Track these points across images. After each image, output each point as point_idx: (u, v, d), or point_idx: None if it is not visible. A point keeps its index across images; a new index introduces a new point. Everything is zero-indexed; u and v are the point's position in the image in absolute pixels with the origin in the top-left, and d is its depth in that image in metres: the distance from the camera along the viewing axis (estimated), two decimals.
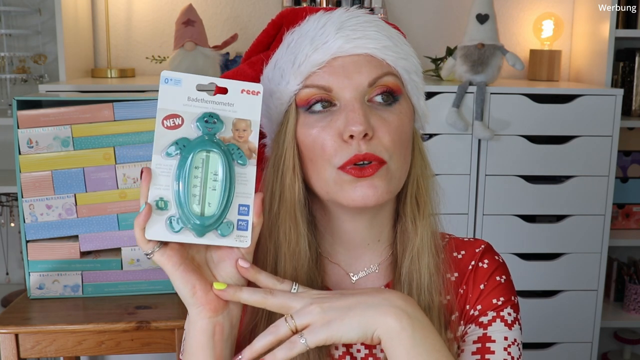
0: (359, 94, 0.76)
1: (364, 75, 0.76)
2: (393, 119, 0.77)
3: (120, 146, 1.47)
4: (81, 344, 1.41)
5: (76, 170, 1.47)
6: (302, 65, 0.77)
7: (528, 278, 2.11)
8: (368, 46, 0.77)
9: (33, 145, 1.45)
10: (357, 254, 0.85)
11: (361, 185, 0.75)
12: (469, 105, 2.01)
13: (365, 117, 0.74)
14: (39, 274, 1.48)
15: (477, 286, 0.85)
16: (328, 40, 0.77)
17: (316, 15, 0.81)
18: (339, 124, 0.75)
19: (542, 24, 2.39)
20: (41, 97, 1.55)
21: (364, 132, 0.74)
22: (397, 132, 0.77)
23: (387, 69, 0.78)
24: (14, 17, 2.27)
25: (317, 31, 0.78)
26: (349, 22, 0.78)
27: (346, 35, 0.77)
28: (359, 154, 0.74)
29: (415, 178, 0.84)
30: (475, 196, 2.07)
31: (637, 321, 2.36)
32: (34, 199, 1.46)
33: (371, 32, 0.78)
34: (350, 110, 0.75)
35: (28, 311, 1.44)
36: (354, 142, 0.74)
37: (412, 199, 0.83)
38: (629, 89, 2.37)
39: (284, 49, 0.81)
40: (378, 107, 0.77)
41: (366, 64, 0.77)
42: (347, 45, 0.77)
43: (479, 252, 0.88)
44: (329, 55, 0.77)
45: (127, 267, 1.49)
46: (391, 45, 0.79)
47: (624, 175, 2.48)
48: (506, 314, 0.84)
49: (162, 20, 2.36)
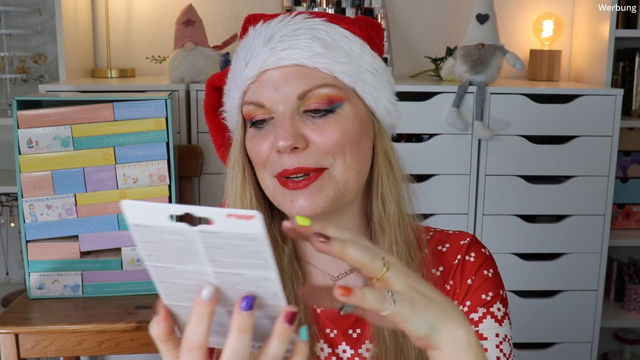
0: (289, 107, 0.75)
1: (291, 88, 0.75)
2: (331, 123, 0.76)
3: (120, 146, 1.47)
4: (81, 344, 1.41)
5: (76, 170, 1.47)
6: (239, 81, 0.78)
7: (528, 278, 2.10)
8: (295, 56, 0.75)
9: (33, 145, 1.45)
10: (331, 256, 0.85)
11: (297, 198, 0.76)
12: (469, 105, 2.01)
13: (294, 131, 0.74)
14: (39, 274, 1.48)
15: (465, 281, 0.85)
16: (257, 54, 0.76)
17: (256, 26, 0.80)
18: (272, 136, 0.76)
19: (542, 24, 2.38)
20: (41, 97, 1.55)
21: (291, 146, 0.74)
22: (337, 139, 0.76)
23: (320, 78, 0.76)
24: (14, 17, 2.26)
25: (250, 44, 0.78)
26: (280, 32, 0.76)
27: (272, 47, 0.75)
28: (288, 168, 0.76)
29: (380, 179, 0.82)
30: (475, 196, 2.07)
31: (637, 321, 2.36)
32: (34, 199, 1.46)
33: (301, 40, 0.76)
34: (279, 124, 0.75)
35: (28, 311, 1.44)
36: (284, 156, 0.75)
37: (377, 200, 0.82)
38: (629, 89, 2.37)
39: (233, 61, 0.81)
40: (315, 115, 0.76)
41: (295, 76, 0.75)
42: (272, 58, 0.75)
43: (464, 245, 0.87)
44: (257, 70, 0.76)
45: (127, 267, 1.49)
46: (323, 52, 0.76)
47: (624, 175, 2.47)
48: (496, 310, 0.84)
49: (162, 20, 2.36)
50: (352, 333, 0.84)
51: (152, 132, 1.46)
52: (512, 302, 0.90)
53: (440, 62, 2.29)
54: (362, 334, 0.84)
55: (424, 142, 2.04)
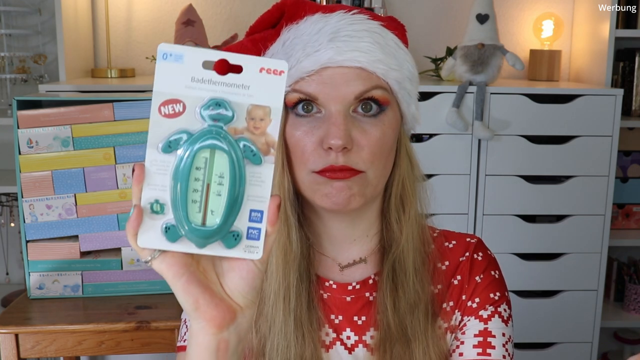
0: (344, 107, 0.77)
1: (351, 89, 0.77)
2: (375, 131, 0.78)
3: (120, 146, 1.47)
4: (81, 344, 1.41)
5: (76, 170, 1.47)
6: (292, 69, 0.78)
7: (528, 278, 2.10)
8: (359, 59, 0.77)
9: (33, 145, 1.45)
10: (344, 248, 0.87)
11: (334, 187, 0.77)
12: (469, 105, 2.01)
13: (346, 131, 0.75)
14: (39, 274, 1.48)
15: (473, 277, 0.87)
16: (320, 49, 0.77)
17: (314, 17, 0.80)
18: (321, 132, 0.77)
19: (542, 24, 2.38)
20: (41, 97, 1.55)
21: (343, 146, 0.75)
22: (378, 144, 0.78)
23: (376, 81, 0.78)
24: (14, 17, 2.26)
25: (311, 37, 0.78)
26: (343, 31, 0.78)
27: (338, 46, 0.77)
28: (335, 165, 0.76)
29: (400, 179, 0.85)
30: (475, 196, 2.07)
31: (637, 321, 2.36)
32: (34, 199, 1.46)
33: (365, 43, 0.77)
34: (333, 123, 0.76)
35: (28, 311, 1.44)
36: (332, 153, 0.76)
37: (396, 199, 0.85)
38: (629, 89, 2.37)
39: (279, 46, 0.81)
40: (362, 118, 0.78)
41: (355, 77, 0.77)
42: (338, 57, 0.77)
43: (472, 243, 0.90)
44: (319, 65, 0.77)
45: (127, 267, 1.49)
46: (383, 58, 0.78)
47: (624, 175, 2.47)
48: (502, 310, 0.87)
49: (162, 20, 2.36)
50: (358, 320, 0.86)
51: None
52: (512, 302, 0.91)
53: (440, 62, 2.29)
54: (367, 321, 0.86)
55: (424, 142, 2.04)
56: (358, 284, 0.86)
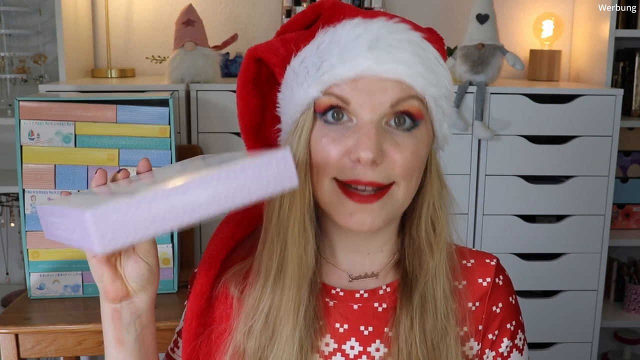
0: (377, 116, 0.73)
1: (387, 96, 0.73)
2: (408, 144, 0.74)
3: (124, 149, 1.47)
4: (81, 344, 1.41)
5: (80, 167, 1.46)
6: (326, 75, 0.74)
7: (528, 278, 2.10)
8: (398, 71, 0.73)
9: (34, 137, 1.45)
10: (356, 260, 0.85)
11: (357, 212, 0.74)
12: (469, 105, 2.01)
13: (378, 144, 0.71)
14: (39, 274, 1.48)
15: (490, 307, 0.85)
16: (358, 56, 0.72)
17: (353, 21, 0.76)
18: (350, 142, 0.73)
19: (542, 24, 2.38)
20: (42, 97, 1.56)
21: (373, 159, 0.71)
22: (410, 159, 0.74)
23: (413, 93, 0.74)
24: (14, 17, 2.26)
25: (349, 42, 0.74)
26: (384, 40, 0.73)
27: (377, 56, 0.72)
28: (362, 180, 0.73)
29: (431, 201, 0.81)
30: (475, 196, 2.07)
31: (637, 321, 2.36)
32: (35, 190, 1.46)
33: (405, 55, 0.73)
34: (365, 133, 0.72)
35: (28, 311, 1.44)
36: (359, 166, 0.72)
37: (427, 222, 0.82)
38: (629, 89, 2.37)
39: (314, 49, 0.77)
40: (395, 131, 0.74)
41: (392, 87, 0.73)
42: (376, 67, 0.72)
43: (493, 267, 0.87)
44: (355, 73, 0.73)
45: None
46: (423, 72, 0.74)
47: (624, 175, 2.47)
48: (518, 340, 0.86)
49: (162, 20, 2.36)
50: (364, 330, 0.82)
51: (157, 139, 1.46)
52: None
53: None
54: (374, 333, 0.82)
55: None
56: (367, 292, 0.83)
